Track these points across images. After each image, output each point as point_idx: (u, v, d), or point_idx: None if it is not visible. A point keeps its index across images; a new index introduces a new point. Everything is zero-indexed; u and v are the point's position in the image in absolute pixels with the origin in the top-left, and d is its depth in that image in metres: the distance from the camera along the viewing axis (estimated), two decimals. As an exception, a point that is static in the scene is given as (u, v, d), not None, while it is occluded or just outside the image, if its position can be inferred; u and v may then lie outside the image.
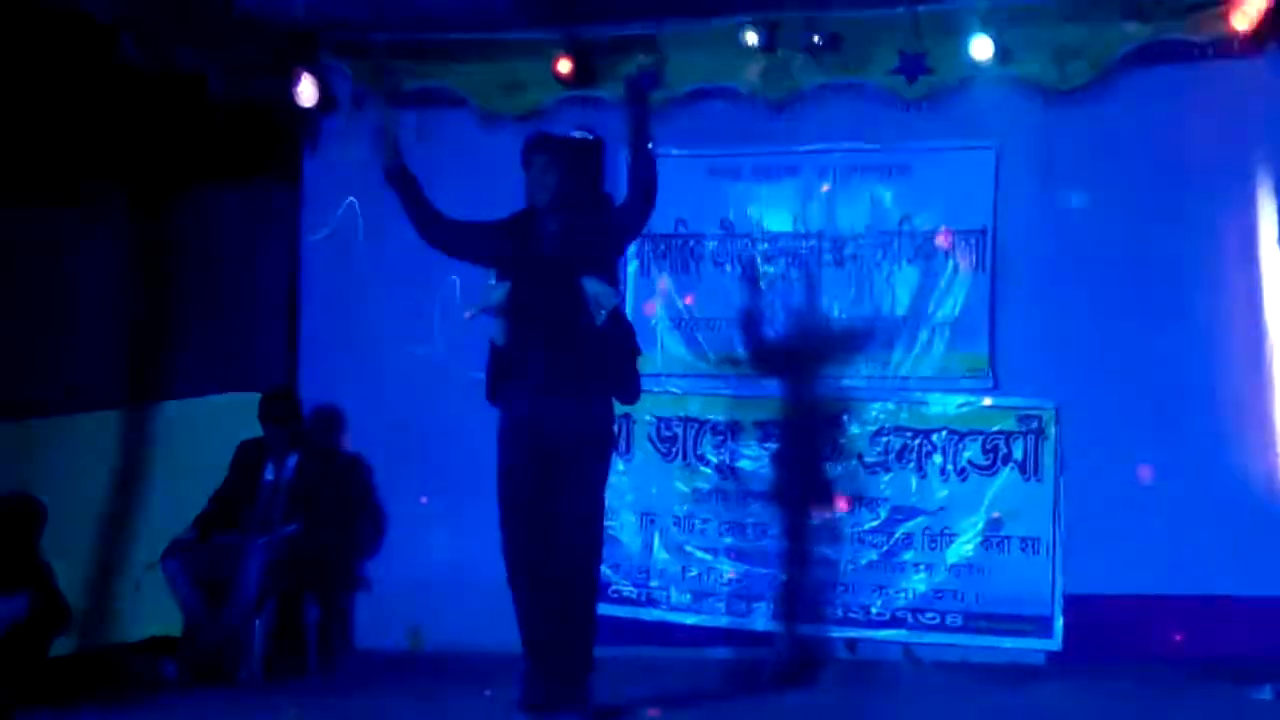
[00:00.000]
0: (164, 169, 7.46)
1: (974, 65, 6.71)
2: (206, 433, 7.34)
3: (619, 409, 5.54)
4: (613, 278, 5.46)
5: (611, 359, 5.37)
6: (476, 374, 5.56)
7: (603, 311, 5.27)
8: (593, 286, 5.27)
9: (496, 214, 5.50)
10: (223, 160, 7.39)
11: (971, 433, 6.73)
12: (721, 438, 7.01)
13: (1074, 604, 6.49)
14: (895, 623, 6.71)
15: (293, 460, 6.98)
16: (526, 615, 5.30)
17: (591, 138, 5.66)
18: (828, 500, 6.84)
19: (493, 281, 5.41)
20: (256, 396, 7.14)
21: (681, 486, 7.03)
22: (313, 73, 7.29)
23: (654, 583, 7.01)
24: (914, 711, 5.76)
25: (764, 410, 6.97)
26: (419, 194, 5.47)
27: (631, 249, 7.07)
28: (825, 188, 7.02)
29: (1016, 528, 6.61)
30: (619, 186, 5.61)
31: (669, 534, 7.02)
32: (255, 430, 7.09)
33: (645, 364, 7.01)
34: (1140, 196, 6.63)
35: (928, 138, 6.89)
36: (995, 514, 6.65)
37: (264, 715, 5.70)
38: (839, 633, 6.76)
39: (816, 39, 6.78)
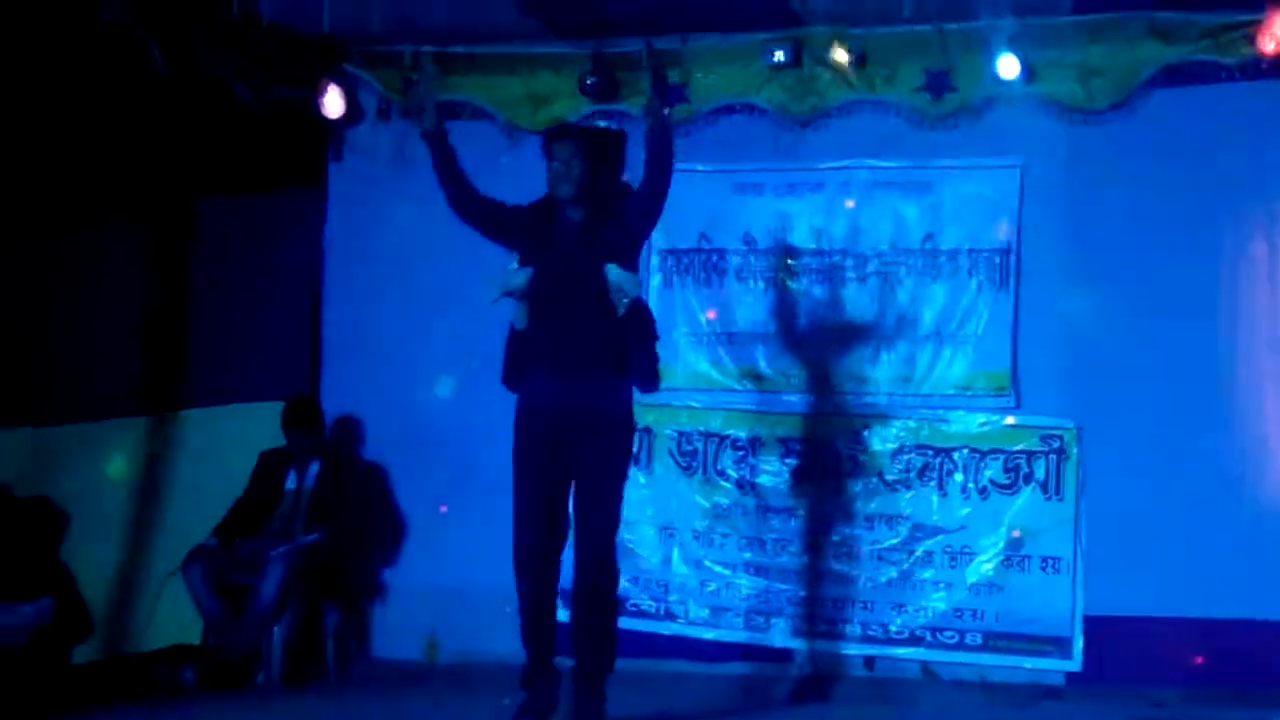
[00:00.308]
0: (189, 177, 7.49)
1: (999, 84, 6.70)
2: (228, 441, 7.36)
3: (640, 420, 5.54)
4: (634, 267, 5.45)
5: (631, 347, 5.36)
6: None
7: (625, 300, 5.27)
8: (615, 275, 5.27)
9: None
10: (248, 169, 7.42)
11: (993, 451, 6.71)
12: (742, 453, 6.99)
13: (1094, 625, 6.46)
14: (914, 641, 6.68)
15: (314, 468, 7.01)
16: (530, 608, 5.28)
17: (615, 127, 5.65)
18: (847, 517, 6.82)
19: (514, 266, 5.40)
20: (278, 405, 7.17)
21: (701, 501, 7.02)
22: (339, 83, 7.32)
23: (672, 597, 6.99)
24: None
25: (785, 426, 6.96)
26: (453, 160, 5.48)
27: (655, 263, 7.10)
28: (849, 204, 7.01)
29: (1037, 547, 6.58)
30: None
31: (688, 548, 7.00)
32: (276, 438, 7.12)
33: (667, 378, 7.01)
34: (1164, 217, 6.62)
35: (952, 155, 6.89)
36: (1016, 533, 6.62)
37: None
38: (858, 650, 6.73)
39: (842, 56, 6.79)
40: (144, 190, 7.36)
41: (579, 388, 5.26)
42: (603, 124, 5.60)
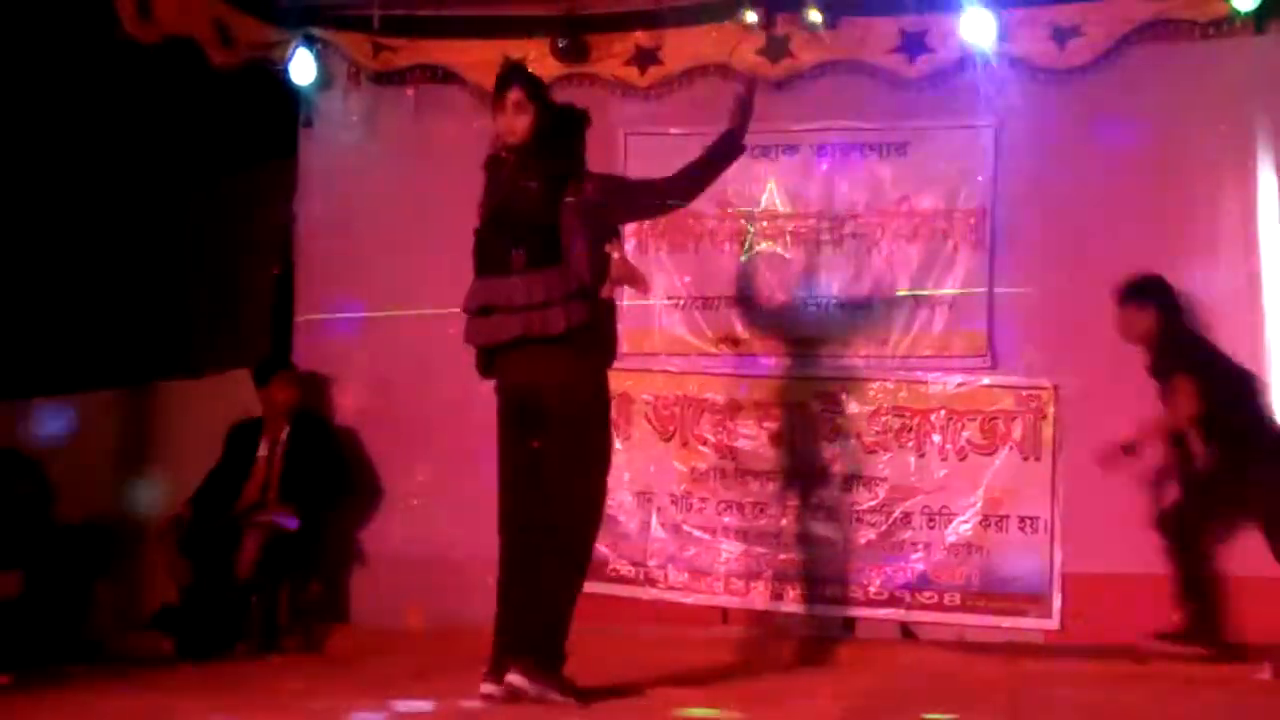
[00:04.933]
0: (159, 147, 7.43)
1: (974, 43, 6.69)
2: (203, 408, 7.32)
3: (616, 385, 5.48)
4: None
5: None
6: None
7: None
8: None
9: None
10: (218, 138, 7.37)
11: (970, 412, 6.71)
12: (719, 417, 6.98)
13: (1072, 583, 6.48)
14: (893, 601, 6.69)
15: (286, 434, 6.98)
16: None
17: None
18: (825, 480, 6.82)
19: (617, 254, 5.19)
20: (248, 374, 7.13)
21: (679, 465, 7.01)
22: (310, 49, 7.25)
23: (651, 562, 6.99)
24: (911, 690, 5.74)
25: (761, 389, 6.95)
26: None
27: (630, 226, 7.04)
28: (824, 166, 7.00)
29: (1015, 507, 6.60)
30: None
31: (667, 513, 7.00)
32: (248, 408, 7.07)
33: (643, 342, 7.07)
34: (1140, 175, 6.62)
35: (927, 116, 6.89)
36: (994, 493, 6.63)
37: (260, 690, 5.67)
38: (837, 611, 6.74)
39: (817, 16, 6.76)
40: (114, 161, 7.29)
41: None
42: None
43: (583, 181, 5.12)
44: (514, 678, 4.95)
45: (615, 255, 5.18)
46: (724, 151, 5.41)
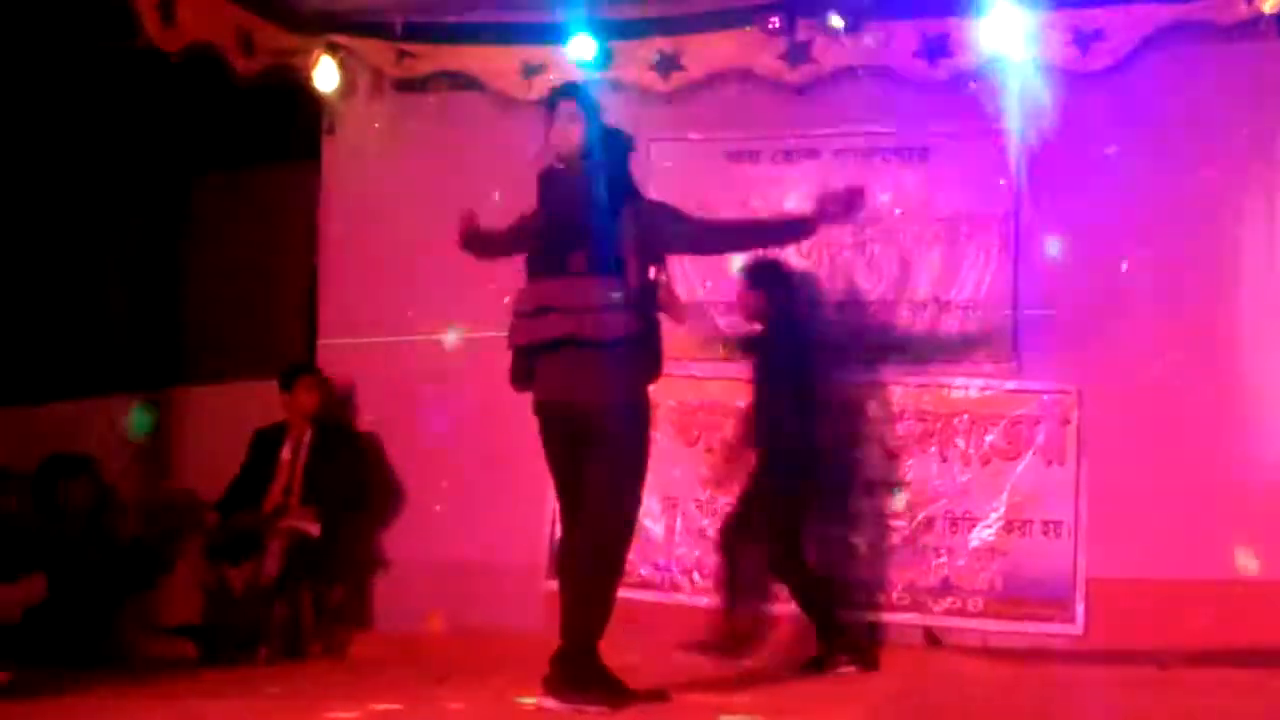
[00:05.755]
0: (185, 154, 7.46)
1: (996, 47, 6.67)
2: (226, 418, 7.35)
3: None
4: None
5: None
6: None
7: None
8: None
9: (517, 198, 5.44)
10: (243, 145, 7.40)
11: (993, 417, 6.69)
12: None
13: (1095, 588, 6.45)
14: (916, 607, 6.66)
15: (309, 437, 7.00)
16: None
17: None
18: (848, 484, 6.80)
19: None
20: (273, 383, 7.15)
21: (704, 471, 6.99)
22: (332, 56, 7.27)
23: (676, 567, 6.98)
24: (935, 696, 5.73)
25: (785, 395, 6.93)
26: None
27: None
28: (846, 171, 6.97)
29: (1038, 511, 6.57)
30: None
31: (691, 518, 6.99)
32: (271, 415, 7.10)
33: (667, 347, 7.06)
34: (1163, 180, 6.58)
35: (949, 121, 6.86)
36: (1017, 498, 6.61)
37: (282, 695, 5.69)
38: (860, 617, 6.71)
39: (838, 21, 6.76)
40: (140, 167, 7.33)
41: None
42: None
43: (636, 202, 5.13)
44: (546, 702, 4.95)
45: (662, 279, 5.19)
46: (790, 231, 5.46)
